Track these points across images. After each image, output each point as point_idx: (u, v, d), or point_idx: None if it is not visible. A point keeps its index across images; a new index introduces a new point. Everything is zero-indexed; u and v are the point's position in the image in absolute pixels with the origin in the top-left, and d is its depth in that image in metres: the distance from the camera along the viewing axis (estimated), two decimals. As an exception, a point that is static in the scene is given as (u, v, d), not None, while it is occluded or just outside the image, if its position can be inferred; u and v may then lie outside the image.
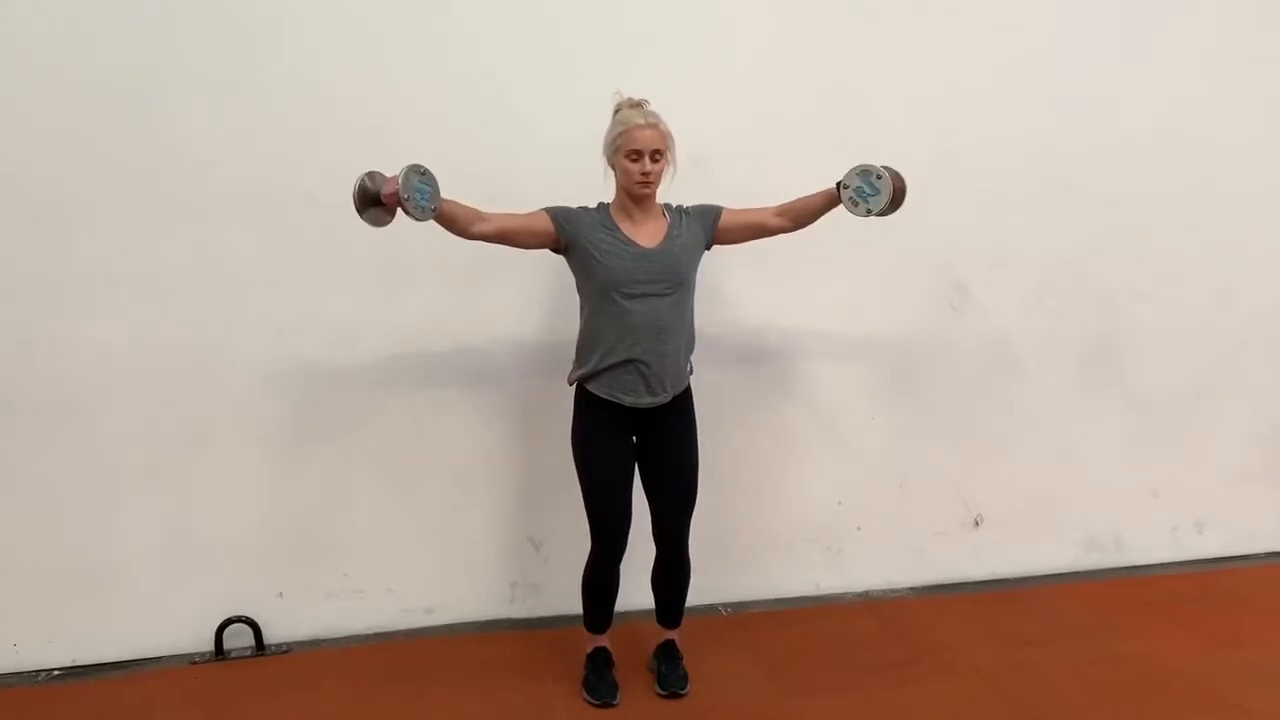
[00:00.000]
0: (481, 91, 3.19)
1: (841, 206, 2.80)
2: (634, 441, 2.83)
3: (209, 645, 3.18)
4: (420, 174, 2.46)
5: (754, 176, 3.30)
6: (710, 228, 2.85)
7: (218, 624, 3.17)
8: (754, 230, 2.90)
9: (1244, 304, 3.91)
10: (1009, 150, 3.60)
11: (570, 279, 2.84)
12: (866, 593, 3.68)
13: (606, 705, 2.86)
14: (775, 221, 2.88)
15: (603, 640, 3.00)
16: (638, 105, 2.74)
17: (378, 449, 3.27)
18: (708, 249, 2.86)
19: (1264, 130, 3.82)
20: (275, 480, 3.20)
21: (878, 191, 2.73)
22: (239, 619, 3.18)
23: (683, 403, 2.86)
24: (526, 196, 3.15)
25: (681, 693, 2.92)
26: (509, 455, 3.37)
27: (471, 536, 3.38)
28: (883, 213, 2.76)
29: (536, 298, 3.31)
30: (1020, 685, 3.00)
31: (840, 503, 3.65)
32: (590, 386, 2.78)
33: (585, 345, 2.78)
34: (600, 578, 2.89)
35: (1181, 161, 3.76)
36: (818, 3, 3.39)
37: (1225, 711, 2.84)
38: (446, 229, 2.62)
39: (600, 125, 2.82)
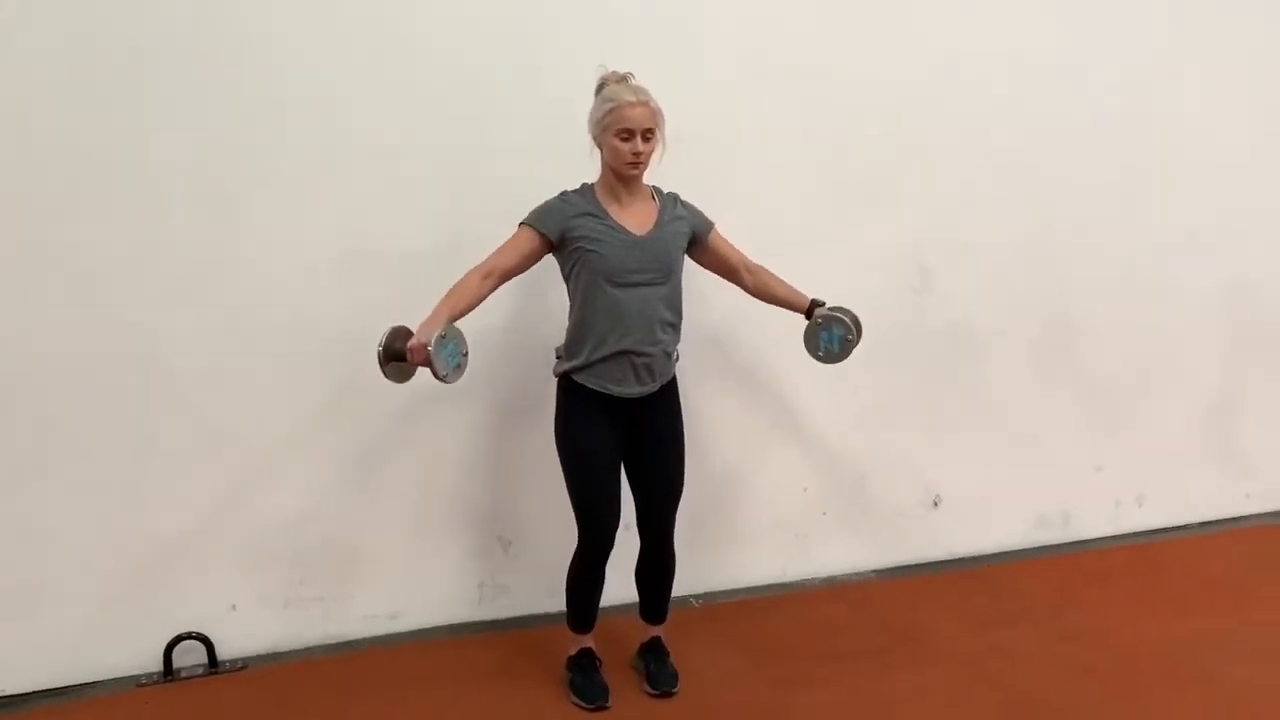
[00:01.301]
0: (453, 70, 3.01)
1: (804, 320, 2.84)
2: (620, 433, 2.72)
3: (157, 665, 2.94)
4: (440, 338, 2.36)
5: (719, 159, 3.24)
6: (702, 236, 2.77)
7: (166, 641, 2.92)
8: (724, 268, 2.86)
9: (1187, 289, 4.05)
10: (971, 138, 3.62)
11: (539, 272, 2.71)
12: (832, 578, 3.66)
13: (600, 709, 2.76)
14: (745, 276, 2.87)
15: (588, 640, 2.89)
16: (623, 80, 2.62)
17: (335, 447, 3.07)
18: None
19: (1213, 120, 3.94)
20: (225, 483, 2.97)
21: (837, 351, 2.80)
22: (189, 635, 2.95)
23: (669, 392, 2.77)
24: (502, 179, 3.04)
25: (673, 691, 2.84)
26: (475, 452, 3.21)
27: (437, 538, 3.21)
28: (822, 359, 2.83)
29: (500, 290, 3.14)
30: (1000, 668, 3.01)
31: (806, 489, 3.62)
32: (578, 378, 2.66)
33: (576, 337, 2.65)
34: (588, 575, 2.78)
35: (1133, 150, 3.85)
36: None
37: (1199, 683, 2.92)
38: None
39: (573, 101, 2.74)
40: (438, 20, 2.98)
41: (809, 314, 2.85)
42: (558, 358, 2.74)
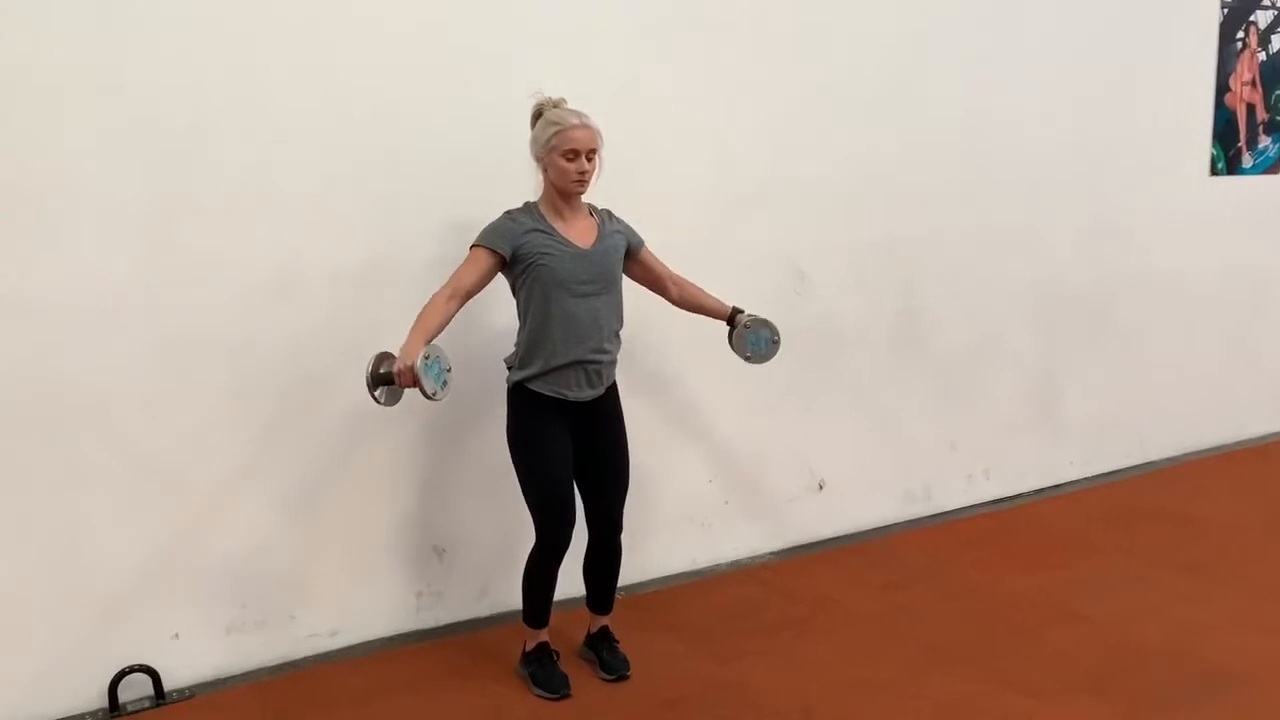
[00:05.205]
0: (377, 94, 3.09)
1: (729, 327, 3.13)
2: (570, 435, 2.89)
3: (102, 702, 2.86)
4: (425, 359, 2.53)
5: (607, 173, 3.43)
6: (635, 250, 2.99)
7: (110, 677, 2.85)
8: (652, 280, 3.08)
9: (1010, 281, 4.56)
10: (831, 154, 3.98)
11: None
12: (737, 562, 3.94)
13: (563, 697, 2.91)
14: (671, 287, 3.11)
15: (544, 635, 3.03)
16: (559, 104, 2.81)
17: (268, 469, 3.07)
18: None
19: (1022, 132, 4.48)
20: (160, 512, 2.93)
21: (764, 352, 3.12)
22: (134, 668, 2.88)
23: (612, 393, 2.97)
24: (430, 200, 3.16)
25: (627, 675, 3.03)
26: (408, 464, 3.28)
27: (373, 551, 3.26)
28: (750, 359, 3.13)
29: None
30: (905, 625, 3.38)
31: (710, 481, 3.88)
32: (532, 385, 2.81)
33: (531, 348, 2.80)
34: (547, 573, 2.93)
35: (964, 163, 4.32)
36: (673, 24, 3.57)
37: (1069, 620, 3.38)
38: None
39: (495, 122, 2.98)
40: (362, 46, 3.05)
41: (731, 321, 3.11)
42: (509, 368, 2.88)
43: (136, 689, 2.90)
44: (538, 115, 2.82)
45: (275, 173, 2.98)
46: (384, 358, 2.60)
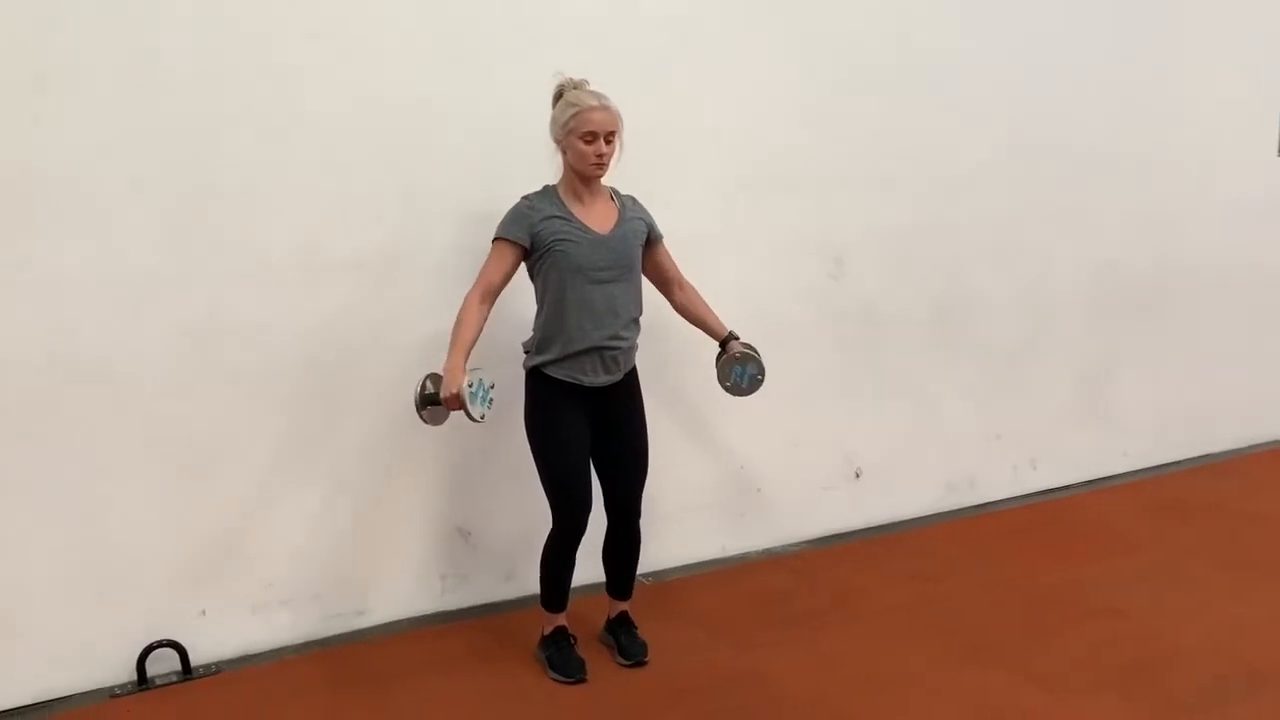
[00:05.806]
0: (398, 80, 3.10)
1: (720, 349, 3.07)
2: (588, 420, 2.88)
3: (130, 675, 2.94)
4: (469, 386, 2.61)
5: (639, 156, 3.35)
6: (654, 241, 2.95)
7: (139, 651, 2.93)
8: (661, 278, 3.04)
9: (1061, 266, 4.44)
10: (870, 136, 3.90)
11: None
12: (769, 550, 3.90)
13: (579, 682, 2.91)
14: (677, 291, 3.07)
15: (561, 619, 3.04)
16: (581, 85, 2.79)
17: (293, 451, 3.12)
18: None
19: (1074, 115, 4.33)
20: (189, 492, 2.99)
21: (745, 386, 3.07)
22: (161, 643, 2.96)
23: (631, 378, 2.95)
24: (449, 184, 3.17)
25: (645, 660, 3.02)
26: (433, 448, 3.30)
27: (398, 533, 3.30)
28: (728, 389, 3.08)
29: (450, 290, 3.24)
30: (933, 617, 3.31)
31: (742, 467, 3.84)
32: (549, 370, 2.81)
33: (548, 334, 2.80)
34: (563, 557, 2.93)
35: (1010, 142, 4.21)
36: (705, 6, 3.53)
37: (1106, 615, 3.28)
38: None
39: (514, 107, 2.98)
40: (383, 31, 3.07)
41: (723, 344, 3.05)
42: (526, 352, 2.88)
43: (164, 663, 2.97)
44: (558, 96, 2.80)
45: (299, 160, 3.00)
46: (431, 379, 2.68)
